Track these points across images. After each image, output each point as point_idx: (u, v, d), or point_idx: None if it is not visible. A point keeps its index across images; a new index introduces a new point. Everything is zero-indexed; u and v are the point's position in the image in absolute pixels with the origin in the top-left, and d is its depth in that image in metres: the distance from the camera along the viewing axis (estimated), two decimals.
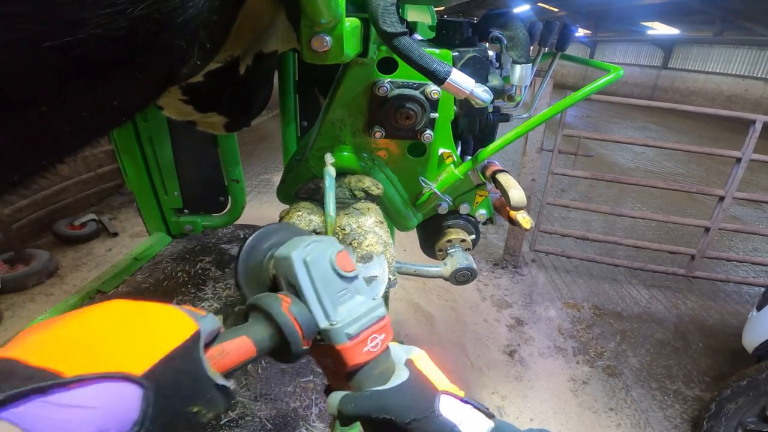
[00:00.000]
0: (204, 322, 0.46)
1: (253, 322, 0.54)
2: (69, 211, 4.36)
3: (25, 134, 0.47)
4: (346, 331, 0.56)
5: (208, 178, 1.99)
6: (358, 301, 0.60)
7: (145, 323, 0.41)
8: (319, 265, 0.58)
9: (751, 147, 3.50)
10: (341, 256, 0.60)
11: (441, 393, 0.56)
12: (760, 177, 8.34)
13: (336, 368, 0.58)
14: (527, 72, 1.05)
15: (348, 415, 0.55)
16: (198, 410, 0.41)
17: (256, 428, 1.12)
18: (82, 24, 0.40)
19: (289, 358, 0.55)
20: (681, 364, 3.27)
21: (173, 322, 0.43)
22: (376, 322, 0.59)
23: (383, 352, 0.59)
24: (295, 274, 0.57)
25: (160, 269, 1.78)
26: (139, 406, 0.36)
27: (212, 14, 0.58)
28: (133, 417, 0.36)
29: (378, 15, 0.74)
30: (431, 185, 1.09)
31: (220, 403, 0.44)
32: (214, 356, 0.47)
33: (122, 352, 0.38)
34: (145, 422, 0.36)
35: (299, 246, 0.59)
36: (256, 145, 7.70)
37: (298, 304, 0.56)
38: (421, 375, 0.58)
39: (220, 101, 1.24)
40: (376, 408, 0.54)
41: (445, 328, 3.43)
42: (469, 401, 0.56)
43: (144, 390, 0.37)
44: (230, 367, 0.48)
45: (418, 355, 0.62)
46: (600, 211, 4.38)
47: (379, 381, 0.57)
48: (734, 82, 15.36)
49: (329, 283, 0.58)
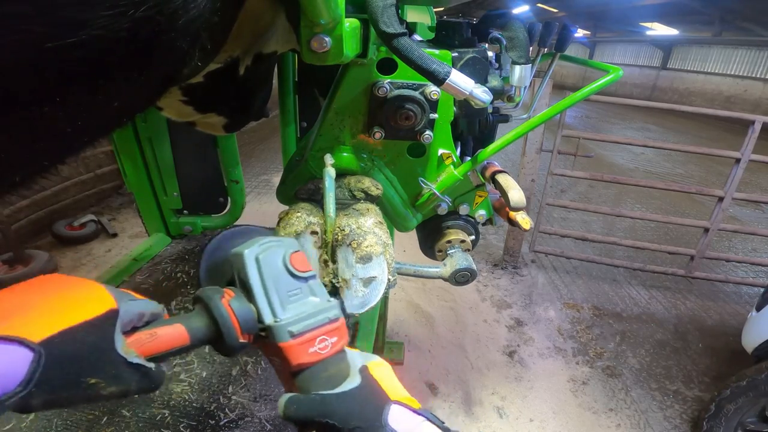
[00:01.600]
0: (132, 305, 0.49)
1: (193, 313, 0.56)
2: (68, 211, 4.35)
3: (27, 135, 0.47)
4: (290, 329, 0.56)
5: (208, 179, 1.99)
6: (310, 301, 0.60)
7: (63, 297, 0.45)
8: (271, 263, 0.59)
9: (750, 147, 3.50)
10: (296, 257, 0.61)
11: (393, 402, 0.54)
12: (760, 177, 8.35)
13: (282, 367, 0.58)
14: (527, 73, 1.05)
15: (291, 417, 0.54)
16: (96, 382, 0.44)
17: (255, 429, 1.13)
18: (85, 25, 0.41)
19: (226, 350, 0.56)
20: (680, 364, 3.27)
21: (91, 299, 0.46)
22: (327, 323, 0.59)
23: (335, 355, 0.59)
24: (245, 270, 0.58)
25: (160, 270, 1.78)
26: (27, 368, 0.39)
27: (213, 15, 0.58)
28: (19, 378, 0.39)
29: (377, 15, 0.74)
30: (431, 186, 1.10)
31: (131, 380, 0.46)
32: (142, 338, 0.50)
33: (27, 319, 0.41)
34: (29, 384, 0.39)
35: (255, 244, 0.60)
36: (255, 146, 7.70)
37: (239, 298, 0.57)
38: (374, 383, 0.56)
39: (219, 102, 1.25)
40: (319, 412, 0.52)
41: (444, 329, 3.43)
42: (422, 413, 0.54)
43: (34, 354, 0.39)
44: (158, 351, 0.50)
45: (375, 363, 0.60)
46: (599, 211, 4.39)
47: (327, 385, 0.56)
48: (733, 82, 15.37)
49: (279, 281, 0.58)
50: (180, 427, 1.10)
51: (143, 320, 0.51)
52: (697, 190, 4.14)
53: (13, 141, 0.47)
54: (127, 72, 0.53)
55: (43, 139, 0.49)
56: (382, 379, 0.57)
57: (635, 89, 19.43)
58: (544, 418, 2.73)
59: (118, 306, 0.47)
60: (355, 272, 0.91)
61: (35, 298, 0.44)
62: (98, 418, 1.11)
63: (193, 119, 1.32)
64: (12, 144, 0.47)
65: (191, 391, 1.21)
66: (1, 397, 0.38)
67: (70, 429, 1.08)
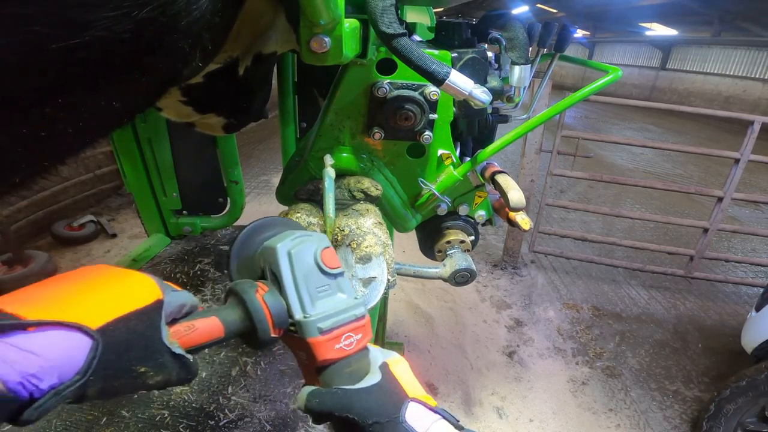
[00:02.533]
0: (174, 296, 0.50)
1: (227, 306, 0.56)
2: (67, 212, 4.35)
3: (29, 135, 0.47)
4: (319, 325, 0.56)
5: (207, 180, 1.99)
6: (338, 298, 0.61)
7: (113, 286, 0.45)
8: (303, 258, 0.59)
9: (750, 148, 3.51)
10: (327, 253, 0.61)
11: (410, 400, 0.56)
12: (759, 178, 8.36)
13: (308, 362, 0.59)
14: (526, 73, 1.05)
15: (312, 410, 0.55)
16: (145, 371, 0.44)
17: (255, 429, 1.12)
18: (89, 26, 0.41)
19: (257, 344, 0.56)
20: (680, 364, 3.28)
21: (139, 288, 0.46)
22: (353, 321, 0.59)
23: (358, 351, 0.60)
24: (278, 265, 0.58)
25: (159, 270, 1.78)
26: (86, 355, 0.40)
27: (214, 16, 0.58)
28: (79, 364, 0.39)
29: (377, 16, 0.74)
30: (430, 186, 1.10)
31: (173, 370, 0.47)
32: (181, 330, 0.50)
33: (83, 307, 0.42)
34: (88, 371, 0.40)
35: (287, 238, 0.61)
36: (255, 147, 7.70)
37: (273, 293, 0.57)
38: (393, 380, 0.58)
39: (219, 102, 1.25)
40: (340, 406, 0.54)
41: (444, 329, 3.43)
42: (438, 411, 0.56)
43: (94, 341, 0.40)
44: (196, 343, 0.51)
45: (394, 360, 0.62)
46: (599, 212, 4.39)
47: (349, 380, 0.57)
48: (732, 82, 15.39)
49: (310, 276, 0.59)
50: (179, 427, 1.10)
51: (183, 311, 0.52)
52: (697, 190, 4.15)
53: (14, 141, 0.47)
54: (129, 73, 0.53)
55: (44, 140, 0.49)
56: (401, 377, 0.59)
57: (634, 89, 19.45)
58: (543, 418, 2.73)
59: (164, 296, 0.47)
60: (355, 272, 0.91)
61: (85, 286, 0.44)
62: (97, 419, 1.11)
63: (192, 120, 1.32)
64: (13, 144, 0.47)
65: (191, 391, 1.20)
66: (60, 386, 0.38)
67: (69, 429, 1.08)
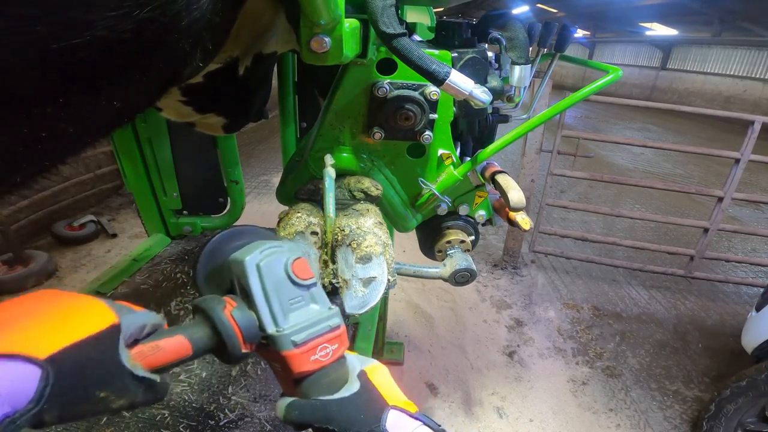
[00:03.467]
0: (133, 318, 0.49)
1: (195, 323, 0.55)
2: (68, 212, 4.35)
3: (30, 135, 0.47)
4: (293, 338, 0.55)
5: (208, 180, 1.99)
6: (312, 309, 0.60)
7: (64, 313, 0.45)
8: (273, 271, 0.58)
9: (750, 148, 3.50)
10: (298, 264, 0.60)
11: (390, 407, 0.56)
12: (759, 178, 8.35)
13: (284, 373, 0.58)
14: (526, 73, 1.05)
15: (291, 422, 0.55)
16: (106, 396, 0.44)
17: (255, 429, 1.12)
18: (90, 26, 0.41)
19: (227, 360, 0.55)
20: (680, 364, 3.27)
21: (92, 314, 0.46)
22: (328, 331, 0.59)
23: (335, 361, 0.59)
24: (246, 279, 0.57)
25: (159, 270, 1.78)
26: (36, 384, 0.39)
27: (215, 16, 0.58)
28: (29, 394, 0.39)
29: (377, 16, 0.74)
30: (430, 186, 1.10)
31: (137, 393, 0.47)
32: (145, 351, 0.49)
33: (30, 336, 0.41)
34: (41, 400, 0.39)
35: (255, 250, 0.59)
36: (255, 146, 7.70)
37: (241, 308, 0.56)
38: (372, 388, 0.58)
39: (219, 102, 1.25)
40: (319, 417, 0.54)
41: (444, 329, 3.43)
42: (419, 417, 0.56)
43: (43, 371, 0.40)
44: (162, 362, 0.50)
45: (373, 367, 0.61)
46: (599, 212, 4.39)
47: (327, 390, 0.57)
48: (733, 82, 15.38)
49: (281, 289, 0.58)
50: (180, 427, 1.10)
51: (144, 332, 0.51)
52: (697, 190, 4.15)
53: (15, 141, 0.47)
54: (130, 72, 0.53)
55: (44, 139, 0.49)
56: (380, 384, 0.59)
57: (635, 89, 19.44)
58: (543, 418, 2.73)
59: (119, 320, 0.47)
60: (355, 272, 0.91)
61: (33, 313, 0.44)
62: (98, 419, 1.11)
63: (192, 120, 1.32)
64: (14, 144, 0.47)
65: (191, 391, 1.21)
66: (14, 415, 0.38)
67: (69, 429, 1.08)
